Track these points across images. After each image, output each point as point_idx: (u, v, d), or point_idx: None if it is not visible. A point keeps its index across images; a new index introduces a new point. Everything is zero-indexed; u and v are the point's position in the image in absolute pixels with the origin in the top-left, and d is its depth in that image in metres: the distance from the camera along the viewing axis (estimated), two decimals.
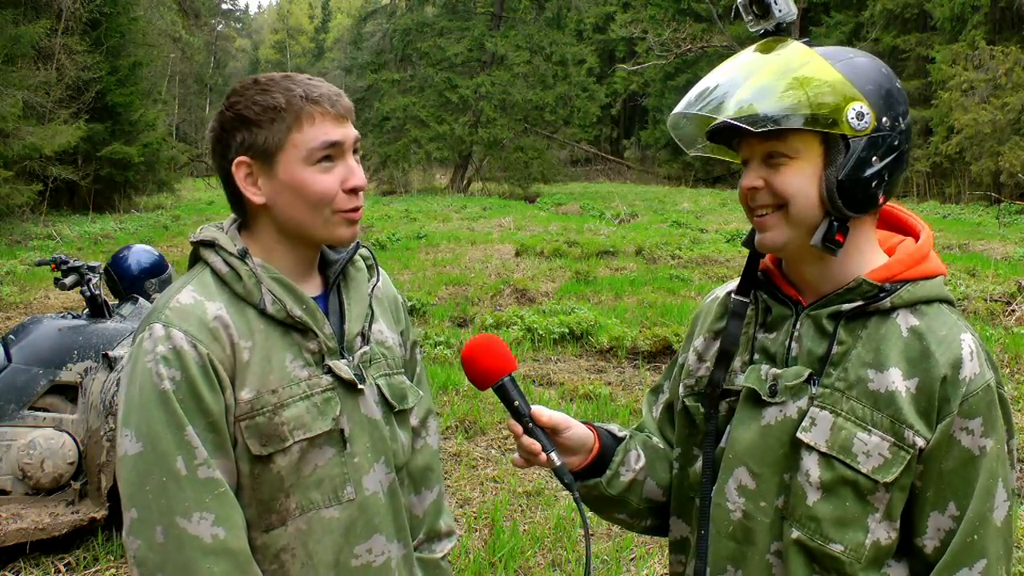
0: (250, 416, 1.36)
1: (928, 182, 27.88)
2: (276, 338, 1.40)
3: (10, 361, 3.73)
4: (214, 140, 1.42)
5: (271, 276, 1.40)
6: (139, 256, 4.30)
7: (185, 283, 1.41)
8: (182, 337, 1.32)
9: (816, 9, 35.34)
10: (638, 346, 7.28)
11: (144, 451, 1.30)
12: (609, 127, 49.17)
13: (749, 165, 1.32)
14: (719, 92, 1.29)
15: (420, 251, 13.60)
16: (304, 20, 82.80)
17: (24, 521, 3.54)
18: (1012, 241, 14.60)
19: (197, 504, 1.30)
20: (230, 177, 1.40)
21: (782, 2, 1.30)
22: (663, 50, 30.95)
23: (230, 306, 1.38)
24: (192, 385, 1.31)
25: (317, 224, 1.39)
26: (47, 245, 14.01)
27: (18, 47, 16.05)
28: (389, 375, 1.55)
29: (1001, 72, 22.44)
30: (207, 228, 1.47)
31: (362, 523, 1.46)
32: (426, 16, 34.53)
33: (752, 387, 1.34)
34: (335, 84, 1.46)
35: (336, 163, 1.39)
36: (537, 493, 4.49)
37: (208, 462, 1.31)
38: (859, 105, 1.24)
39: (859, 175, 1.25)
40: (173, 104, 38.70)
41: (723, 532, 1.36)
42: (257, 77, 1.41)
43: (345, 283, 1.52)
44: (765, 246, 1.33)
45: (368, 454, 1.46)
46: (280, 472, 1.38)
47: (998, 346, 7.26)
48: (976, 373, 1.25)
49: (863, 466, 1.25)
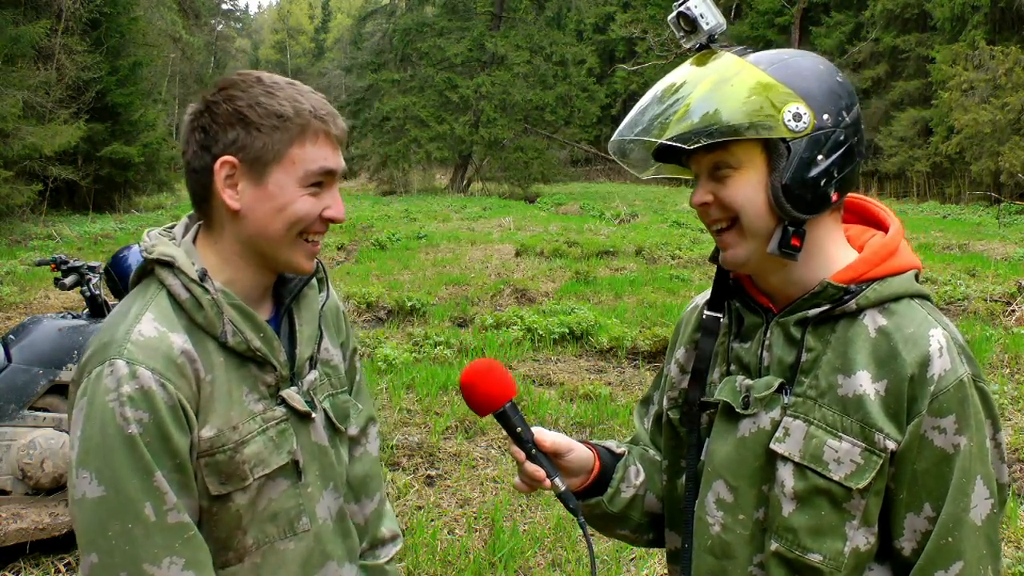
0: (210, 454, 1.29)
1: (928, 182, 27.88)
2: (234, 371, 1.33)
3: (10, 361, 3.73)
4: (196, 128, 1.31)
5: (230, 303, 1.32)
6: (139, 256, 4.28)
7: (143, 309, 1.30)
8: (149, 376, 1.23)
9: (816, 9, 35.34)
10: (638, 346, 7.28)
11: (107, 496, 1.21)
12: (609, 127, 49.03)
13: (699, 180, 1.30)
14: (656, 112, 1.27)
15: (420, 251, 13.60)
16: (304, 20, 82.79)
17: (24, 521, 3.54)
18: (1012, 241, 14.61)
19: (167, 549, 1.23)
20: (208, 173, 1.30)
21: (708, 15, 1.28)
22: (663, 50, 30.98)
23: (191, 336, 1.29)
24: (161, 427, 1.23)
25: (283, 244, 1.32)
26: (47, 245, 14.02)
27: (18, 47, 16.06)
28: (334, 395, 1.51)
29: (1001, 72, 22.45)
30: (159, 240, 1.35)
31: (317, 552, 1.43)
32: (426, 16, 34.56)
33: (726, 400, 1.33)
34: (335, 84, 1.44)
35: (323, 190, 1.33)
36: (537, 493, 4.48)
37: (177, 506, 1.24)
38: (795, 106, 1.22)
39: (804, 176, 1.23)
40: (173, 104, 38.70)
41: (703, 546, 1.35)
42: (260, 75, 1.33)
43: (297, 304, 1.45)
44: (728, 263, 1.31)
45: (318, 482, 1.43)
46: (238, 510, 1.33)
47: (998, 346, 7.25)
48: (946, 369, 1.21)
49: (835, 474, 1.23)
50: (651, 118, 1.28)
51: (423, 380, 6.26)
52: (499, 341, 7.41)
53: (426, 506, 4.33)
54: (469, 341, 7.45)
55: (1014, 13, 25.22)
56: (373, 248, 14.03)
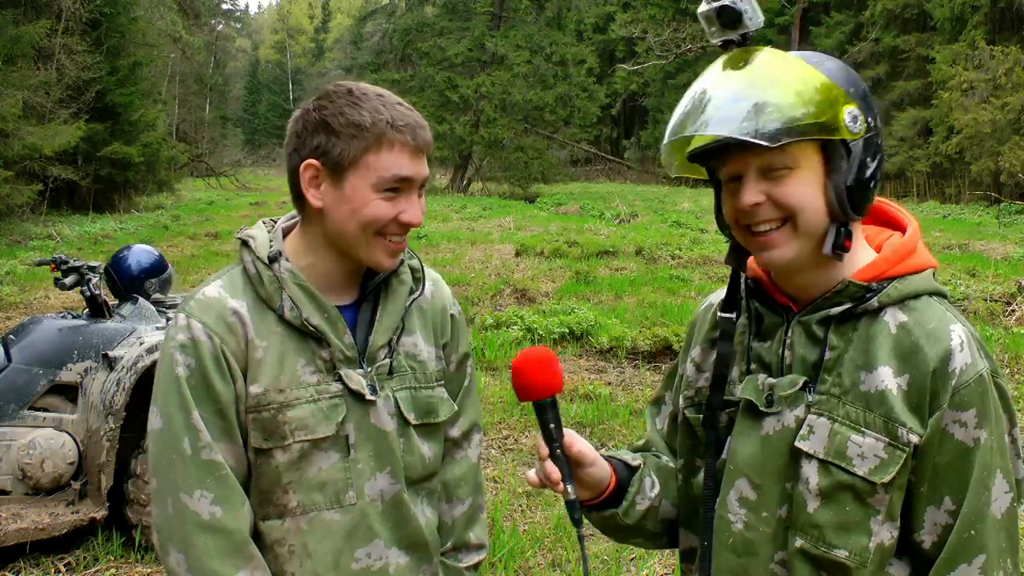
0: (256, 410, 1.43)
1: (928, 182, 27.88)
2: (292, 342, 1.45)
3: (10, 361, 3.73)
4: (292, 135, 1.45)
5: (296, 283, 1.45)
6: (139, 256, 4.30)
7: (218, 277, 1.49)
8: (200, 328, 1.41)
9: (816, 9, 35.36)
10: (638, 346, 7.28)
11: (163, 428, 1.41)
12: (609, 127, 49.19)
13: (744, 181, 1.27)
14: (710, 112, 1.24)
15: (420, 251, 13.52)
16: (304, 20, 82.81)
17: (24, 521, 3.54)
18: (1012, 241, 14.61)
19: (198, 483, 1.38)
20: (297, 174, 1.44)
21: (751, 10, 1.26)
22: (663, 50, 31.00)
23: (253, 305, 1.45)
24: (204, 373, 1.40)
25: (360, 243, 1.43)
26: (47, 245, 14.02)
27: (18, 47, 16.05)
28: (415, 388, 1.56)
29: (1001, 72, 22.45)
30: (257, 225, 1.54)
31: (363, 528, 1.49)
32: (426, 16, 34.57)
33: (749, 398, 1.33)
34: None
35: (400, 195, 1.42)
36: (537, 493, 4.48)
37: (211, 445, 1.39)
38: (852, 108, 1.23)
39: (862, 178, 1.25)
40: (173, 104, 38.67)
41: (725, 544, 1.35)
42: (352, 87, 1.43)
43: (385, 294, 1.54)
44: (773, 263, 1.29)
45: (371, 462, 1.49)
46: (278, 467, 1.44)
47: (998, 346, 7.26)
48: (967, 364, 1.22)
49: (859, 469, 1.24)
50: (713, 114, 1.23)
51: None
52: (499, 341, 7.41)
53: None
54: (469, 341, 7.44)
55: (1014, 13, 25.23)
56: None
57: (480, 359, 7.06)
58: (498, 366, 6.92)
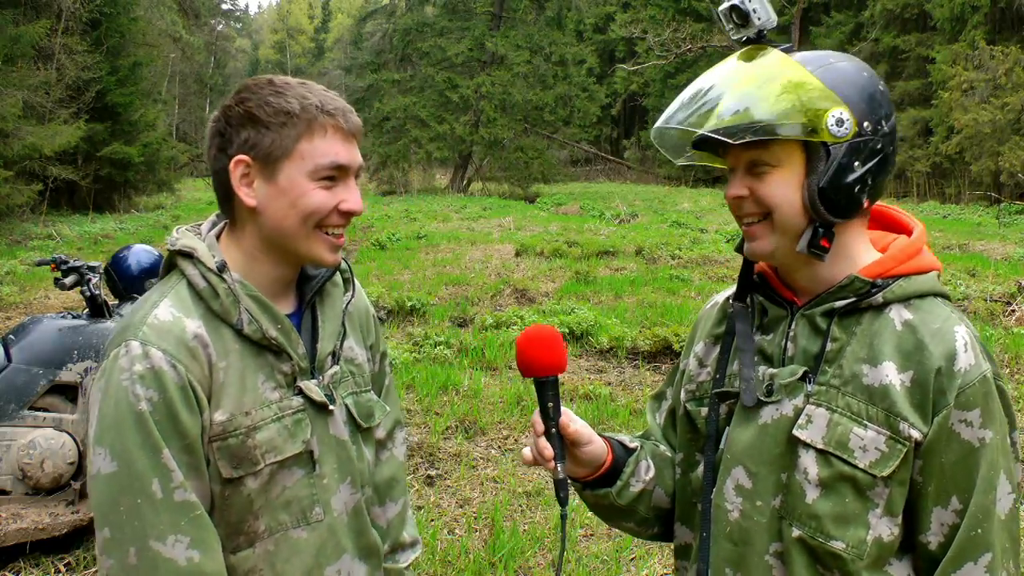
0: (222, 438, 1.33)
1: (928, 182, 27.88)
2: (250, 358, 1.36)
3: (10, 361, 3.73)
4: (215, 133, 1.38)
5: (248, 294, 1.36)
6: (139, 256, 4.30)
7: (162, 295, 1.36)
8: (161, 356, 1.28)
9: (816, 9, 35.34)
10: (638, 346, 7.28)
11: (119, 471, 1.26)
12: (609, 127, 49.16)
13: (734, 173, 1.33)
14: (700, 103, 1.30)
15: (420, 251, 13.60)
16: (304, 20, 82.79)
17: (24, 521, 3.54)
18: (1012, 241, 14.61)
19: (172, 527, 1.27)
20: (225, 173, 1.36)
21: (761, 10, 1.30)
22: (663, 50, 30.98)
23: (207, 323, 1.34)
24: (170, 406, 1.28)
25: (300, 239, 1.36)
26: (47, 245, 14.02)
27: (18, 47, 16.05)
28: (357, 393, 1.53)
29: (1001, 72, 22.44)
30: (184, 234, 1.41)
31: (332, 544, 1.44)
32: (426, 16, 34.54)
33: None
34: (335, 84, 1.46)
35: (337, 184, 1.37)
36: (537, 493, 4.48)
37: (184, 485, 1.28)
38: (839, 111, 1.24)
39: (840, 182, 1.26)
40: (173, 104, 38.67)
41: (721, 534, 1.37)
42: (272, 78, 1.38)
43: (320, 300, 1.49)
44: (754, 255, 1.35)
45: (335, 475, 1.45)
46: (250, 495, 1.36)
47: (998, 346, 7.26)
48: (971, 364, 1.24)
49: (860, 461, 1.25)
50: (698, 109, 1.30)
51: (423, 380, 6.26)
52: (499, 341, 7.41)
53: (426, 506, 4.33)
54: (469, 341, 7.44)
55: (1014, 13, 25.22)
56: (373, 248, 14.04)
57: (480, 359, 7.06)
58: (498, 366, 6.92)
